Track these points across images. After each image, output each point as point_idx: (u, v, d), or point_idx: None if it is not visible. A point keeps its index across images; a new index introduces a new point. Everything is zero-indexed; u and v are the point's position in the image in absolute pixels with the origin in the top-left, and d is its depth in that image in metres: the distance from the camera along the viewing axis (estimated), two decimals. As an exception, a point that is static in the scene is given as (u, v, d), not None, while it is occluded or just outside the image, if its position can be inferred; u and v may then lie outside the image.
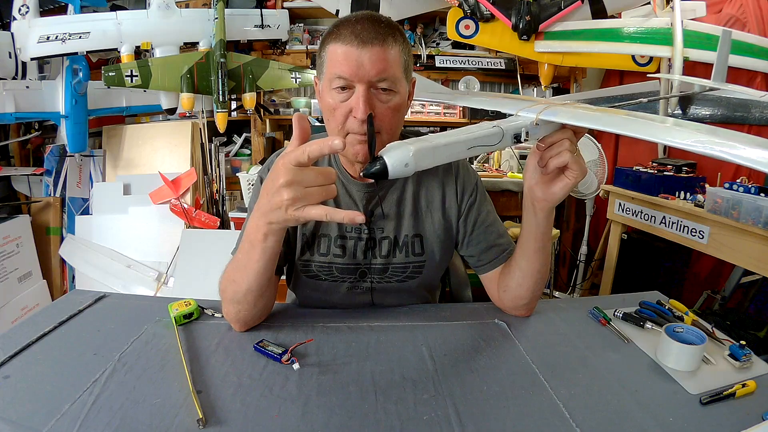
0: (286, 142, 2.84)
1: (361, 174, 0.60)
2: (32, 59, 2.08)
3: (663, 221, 1.97)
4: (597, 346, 0.83)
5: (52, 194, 2.49)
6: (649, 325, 0.88)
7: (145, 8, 2.17)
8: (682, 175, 2.01)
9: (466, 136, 0.63)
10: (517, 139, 0.67)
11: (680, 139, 0.53)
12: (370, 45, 0.77)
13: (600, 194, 2.35)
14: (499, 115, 0.73)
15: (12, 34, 2.06)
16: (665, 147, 2.39)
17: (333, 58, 0.79)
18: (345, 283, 0.95)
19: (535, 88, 2.76)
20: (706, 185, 1.86)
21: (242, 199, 2.39)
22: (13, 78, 2.12)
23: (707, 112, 2.36)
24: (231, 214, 2.36)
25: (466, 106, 2.47)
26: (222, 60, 2.14)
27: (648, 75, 2.22)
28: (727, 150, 0.49)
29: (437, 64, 2.61)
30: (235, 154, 2.76)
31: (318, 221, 0.93)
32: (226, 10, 2.21)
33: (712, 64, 2.09)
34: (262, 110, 2.49)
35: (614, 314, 0.92)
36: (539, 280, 0.87)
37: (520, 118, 0.68)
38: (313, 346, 0.80)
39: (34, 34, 2.02)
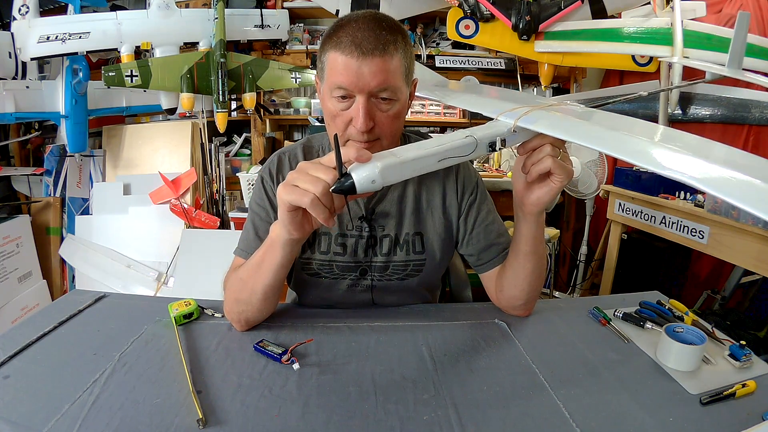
0: (286, 142, 2.84)
1: (330, 190, 0.61)
2: (32, 59, 2.08)
3: (663, 221, 1.97)
4: (597, 346, 0.83)
5: (52, 194, 2.49)
6: (649, 325, 0.88)
7: (145, 8, 2.16)
8: (682, 175, 2.01)
9: (436, 148, 0.62)
10: (492, 147, 0.65)
11: (654, 164, 0.52)
12: (370, 56, 0.74)
13: (600, 194, 2.35)
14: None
15: (12, 34, 2.06)
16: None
17: (333, 67, 0.77)
18: (345, 281, 0.95)
19: (535, 88, 2.76)
20: (706, 185, 1.86)
21: (242, 199, 2.39)
22: (13, 78, 2.12)
23: (707, 112, 2.36)
24: (231, 214, 2.36)
25: (455, 106, 2.47)
26: (222, 60, 2.14)
27: (659, 58, 2.17)
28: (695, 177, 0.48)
29: (437, 64, 2.60)
30: (235, 154, 2.76)
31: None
32: (226, 10, 2.20)
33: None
34: (262, 110, 2.49)
35: (614, 314, 0.92)
36: (533, 282, 0.87)
37: (498, 124, 0.67)
38: (313, 346, 0.80)
39: (34, 34, 2.02)
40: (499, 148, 0.66)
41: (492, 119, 0.69)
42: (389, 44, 0.76)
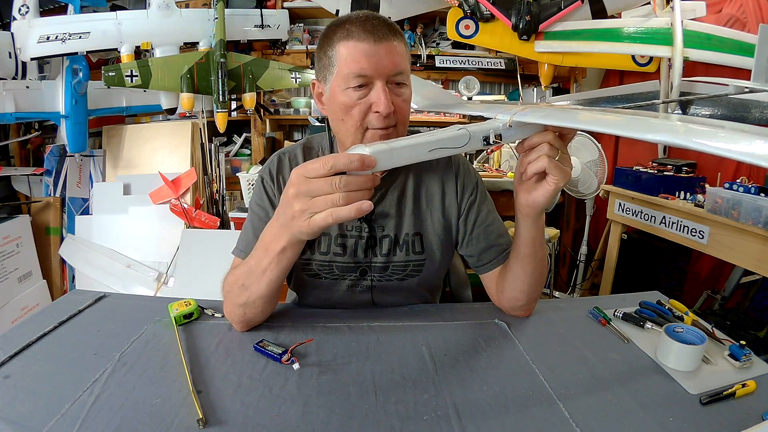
0: (286, 142, 2.84)
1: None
2: (32, 59, 2.08)
3: (663, 221, 1.97)
4: (597, 346, 0.83)
5: (52, 194, 2.49)
6: (649, 325, 0.88)
7: (145, 8, 2.17)
8: (682, 175, 2.01)
9: (427, 138, 0.63)
10: (486, 141, 0.66)
11: (653, 133, 0.49)
12: (385, 40, 0.79)
13: (600, 194, 2.35)
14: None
15: (12, 34, 2.06)
16: (665, 147, 2.38)
17: (347, 56, 0.79)
18: (345, 281, 0.95)
19: (535, 88, 2.76)
20: (706, 185, 1.86)
21: (242, 199, 2.39)
22: (13, 78, 2.12)
23: (707, 112, 2.35)
24: (231, 214, 2.36)
25: (461, 113, 2.48)
26: (222, 60, 2.14)
27: (693, 79, 2.10)
28: (699, 140, 0.45)
29: (437, 64, 2.61)
30: (235, 154, 2.76)
31: None
32: (226, 10, 2.21)
33: (712, 65, 2.10)
34: (262, 110, 2.49)
35: (614, 314, 0.92)
36: (533, 284, 0.87)
37: (493, 121, 0.68)
38: (313, 346, 0.80)
39: (34, 34, 2.02)
40: (494, 142, 0.66)
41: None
42: (396, 32, 0.82)
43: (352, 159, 0.58)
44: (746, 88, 1.74)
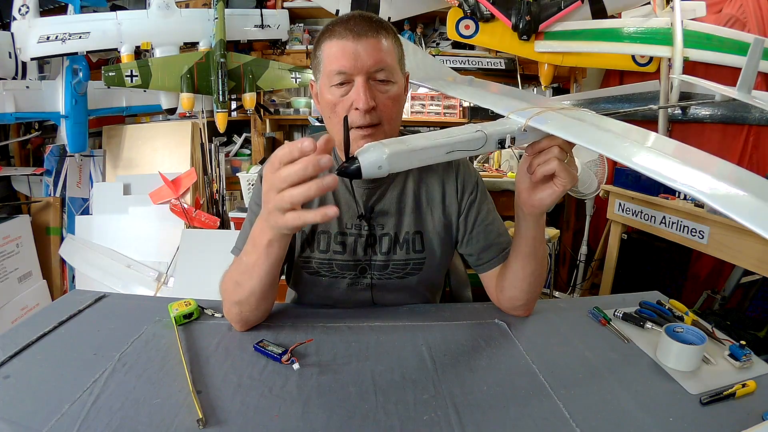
0: (286, 142, 2.84)
1: (335, 172, 0.59)
2: (32, 59, 2.08)
3: (663, 221, 1.97)
4: (597, 346, 0.83)
5: (52, 194, 2.49)
6: (649, 325, 0.88)
7: (145, 8, 2.16)
8: (682, 175, 2.00)
9: (445, 139, 0.61)
10: (501, 144, 0.65)
11: (654, 168, 0.53)
12: (365, 37, 0.79)
13: (600, 194, 2.35)
14: (498, 116, 0.72)
15: (12, 34, 2.06)
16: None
17: (329, 55, 0.81)
18: (345, 280, 0.95)
19: (535, 88, 2.76)
20: (706, 185, 1.85)
21: (242, 199, 2.39)
22: (13, 78, 2.12)
23: (707, 112, 2.36)
24: (231, 214, 2.36)
25: (459, 97, 2.46)
26: (222, 60, 2.14)
27: (690, 78, 2.10)
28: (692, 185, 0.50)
29: (437, 64, 2.60)
30: (235, 154, 2.76)
31: None
32: (226, 10, 2.21)
33: (712, 65, 2.10)
34: (262, 110, 2.49)
35: (614, 314, 0.92)
36: (533, 283, 0.87)
37: (509, 122, 0.66)
38: (313, 346, 0.80)
39: (34, 34, 2.02)
40: (508, 146, 0.66)
41: (502, 117, 0.69)
42: (380, 28, 0.81)
43: (292, 149, 0.58)
44: (730, 98, 1.74)
